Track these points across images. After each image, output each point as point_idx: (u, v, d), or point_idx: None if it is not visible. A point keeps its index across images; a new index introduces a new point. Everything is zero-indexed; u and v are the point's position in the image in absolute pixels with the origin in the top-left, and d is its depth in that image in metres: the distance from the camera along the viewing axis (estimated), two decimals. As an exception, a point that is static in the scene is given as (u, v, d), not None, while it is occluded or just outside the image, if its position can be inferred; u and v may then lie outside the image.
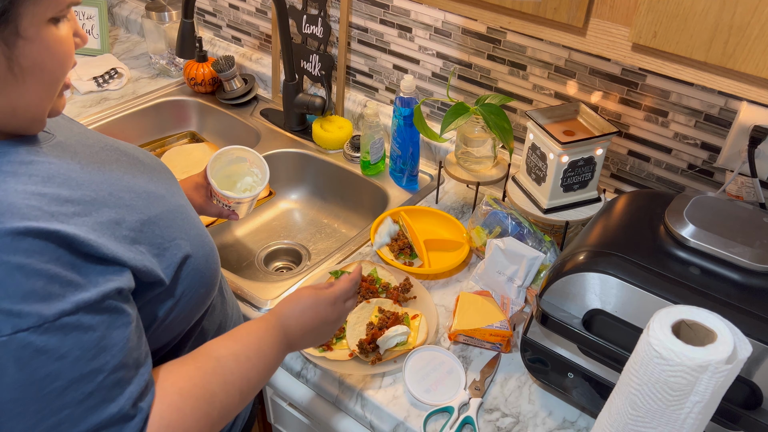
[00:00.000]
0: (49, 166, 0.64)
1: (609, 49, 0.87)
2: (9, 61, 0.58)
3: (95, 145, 0.76)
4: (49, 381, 0.56)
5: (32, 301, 0.55)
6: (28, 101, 0.62)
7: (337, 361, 1.04)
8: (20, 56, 0.58)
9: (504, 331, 1.04)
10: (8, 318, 0.54)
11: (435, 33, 1.42)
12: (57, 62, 0.62)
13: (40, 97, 0.63)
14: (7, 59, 0.58)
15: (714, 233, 0.87)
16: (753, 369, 0.78)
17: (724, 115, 1.13)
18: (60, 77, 0.63)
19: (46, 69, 0.61)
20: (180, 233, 0.74)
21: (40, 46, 0.59)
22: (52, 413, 0.57)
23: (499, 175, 1.33)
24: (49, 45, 0.60)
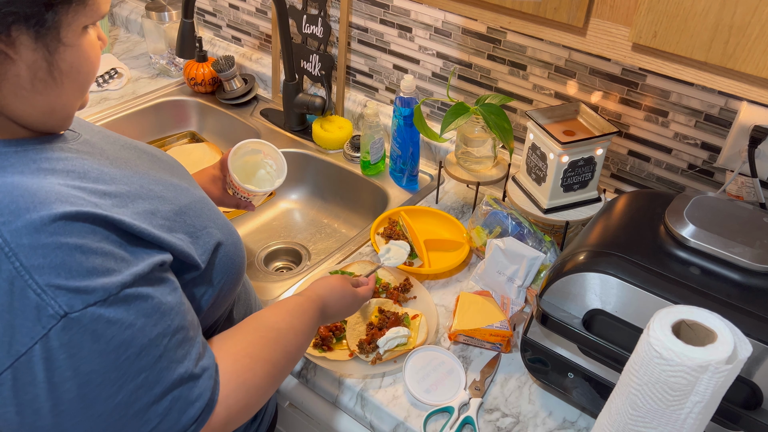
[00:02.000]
0: (83, 162, 0.68)
1: (609, 49, 0.87)
2: (50, 66, 0.62)
3: (116, 142, 0.80)
4: (123, 349, 0.60)
5: (95, 277, 0.58)
6: (64, 101, 0.66)
7: (337, 361, 1.04)
8: (60, 60, 0.62)
9: (504, 331, 1.04)
10: (77, 295, 0.57)
11: (435, 33, 1.42)
12: (90, 65, 0.66)
13: (75, 96, 0.67)
14: (48, 63, 0.62)
15: (714, 233, 0.87)
16: (753, 369, 0.78)
17: (725, 115, 1.13)
18: (92, 78, 0.68)
19: (81, 71, 0.65)
20: (210, 222, 0.78)
21: (78, 51, 0.64)
22: (130, 378, 0.61)
23: (499, 175, 1.33)
24: (84, 50, 0.65)
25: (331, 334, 1.06)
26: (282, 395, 1.12)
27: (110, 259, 0.60)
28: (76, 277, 0.57)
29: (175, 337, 0.65)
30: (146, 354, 0.62)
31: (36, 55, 0.60)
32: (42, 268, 0.56)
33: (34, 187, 0.59)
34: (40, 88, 0.63)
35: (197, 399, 0.66)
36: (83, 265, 0.58)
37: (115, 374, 0.60)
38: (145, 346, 0.61)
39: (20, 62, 0.60)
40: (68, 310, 0.56)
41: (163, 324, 0.64)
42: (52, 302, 0.56)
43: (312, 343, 1.05)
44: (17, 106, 0.63)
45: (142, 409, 0.61)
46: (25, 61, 0.60)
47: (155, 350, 0.62)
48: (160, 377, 0.63)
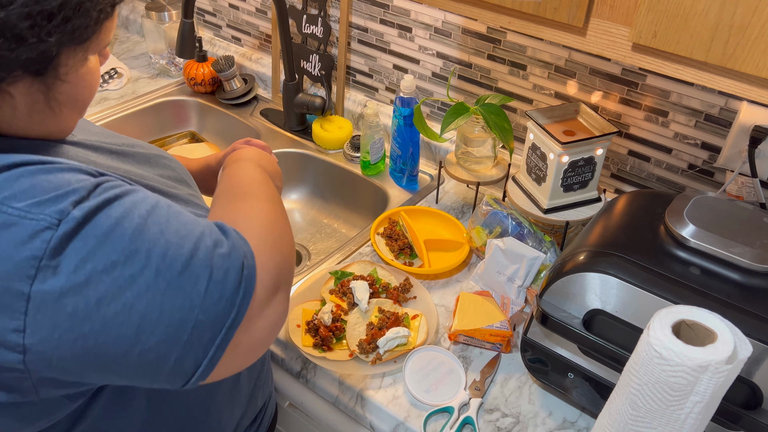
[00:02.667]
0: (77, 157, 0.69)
1: (609, 49, 0.87)
2: (47, 99, 0.63)
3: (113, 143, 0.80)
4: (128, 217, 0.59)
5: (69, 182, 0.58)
6: (63, 127, 0.68)
7: (337, 361, 1.04)
8: (57, 94, 0.63)
9: (504, 331, 1.04)
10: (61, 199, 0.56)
11: (435, 33, 1.42)
12: (89, 91, 0.67)
13: (73, 119, 0.69)
14: (46, 97, 0.62)
15: (714, 233, 0.87)
16: (753, 369, 0.78)
17: (725, 115, 1.13)
18: (90, 99, 0.69)
19: (80, 99, 0.67)
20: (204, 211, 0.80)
21: (76, 83, 0.64)
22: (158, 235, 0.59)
23: (499, 175, 1.33)
24: (84, 79, 0.65)
25: (331, 334, 1.06)
26: (282, 395, 1.11)
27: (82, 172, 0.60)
28: (52, 189, 0.56)
29: (164, 206, 0.63)
30: (154, 219, 0.60)
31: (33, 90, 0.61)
32: (15, 196, 0.55)
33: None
34: (37, 118, 0.64)
35: (228, 238, 0.63)
36: (52, 180, 0.57)
37: (133, 246, 0.57)
38: (146, 215, 0.60)
39: (18, 97, 0.60)
40: (60, 217, 0.55)
41: (150, 196, 0.63)
42: (41, 216, 0.55)
43: (312, 343, 1.05)
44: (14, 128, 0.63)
45: (183, 267, 0.59)
46: (22, 96, 0.60)
47: (158, 216, 0.61)
48: (182, 234, 0.60)
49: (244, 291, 0.61)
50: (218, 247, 0.61)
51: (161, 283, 0.58)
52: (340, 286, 1.15)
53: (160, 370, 0.59)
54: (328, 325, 1.07)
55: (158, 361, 0.59)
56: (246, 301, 0.61)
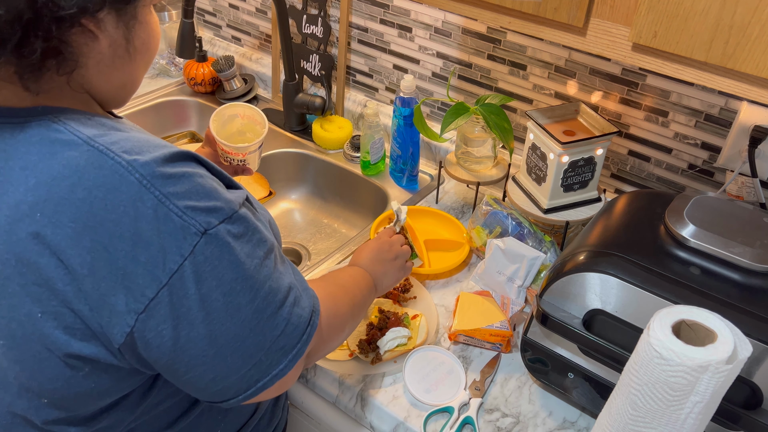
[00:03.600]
0: (140, 134, 0.72)
1: (609, 49, 0.87)
2: (127, 43, 0.67)
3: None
4: (251, 259, 0.67)
5: (220, 198, 0.65)
6: (135, 76, 0.72)
7: (337, 361, 1.04)
8: (135, 38, 0.67)
9: (504, 331, 1.03)
10: (211, 213, 0.63)
11: (435, 33, 1.42)
12: (156, 41, 0.72)
13: (143, 71, 0.73)
14: (126, 41, 0.66)
15: (714, 233, 0.87)
16: (753, 369, 0.77)
17: (725, 115, 1.13)
18: (155, 53, 0.73)
19: (150, 47, 0.71)
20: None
21: (148, 27, 0.69)
22: (260, 285, 0.67)
23: (499, 175, 1.33)
24: (152, 27, 0.70)
25: (331, 334, 1.06)
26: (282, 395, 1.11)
27: (220, 185, 0.67)
28: (206, 199, 0.63)
29: (274, 252, 0.71)
30: (267, 263, 0.68)
31: (117, 33, 0.65)
32: (177, 194, 0.62)
33: (141, 137, 0.66)
34: (118, 64, 0.67)
35: (307, 304, 0.73)
36: (207, 188, 0.64)
37: (250, 281, 0.66)
38: (263, 257, 0.68)
39: (104, 40, 0.64)
40: (207, 227, 0.62)
41: (268, 240, 0.70)
42: (193, 221, 0.62)
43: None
44: (98, 82, 0.67)
45: (272, 313, 0.68)
46: (108, 39, 0.64)
47: (270, 261, 0.69)
48: (279, 284, 0.69)
49: (298, 351, 0.71)
50: (297, 306, 0.71)
51: (255, 320, 0.67)
52: (340, 286, 1.15)
53: (208, 388, 0.68)
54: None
55: (214, 380, 0.67)
56: (296, 359, 0.71)
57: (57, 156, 0.61)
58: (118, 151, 0.62)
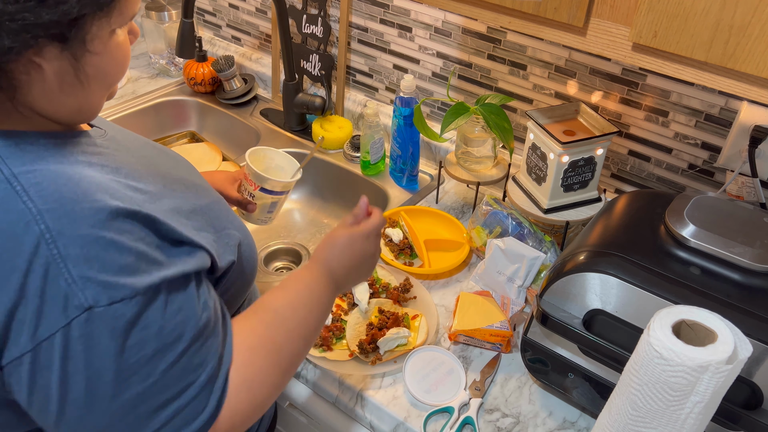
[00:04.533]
0: (114, 157, 0.69)
1: (609, 49, 0.87)
2: (76, 71, 0.62)
3: (137, 140, 0.81)
4: (137, 350, 0.60)
5: (125, 275, 0.59)
6: (91, 101, 0.67)
7: (337, 362, 1.04)
8: (86, 66, 0.63)
9: (504, 332, 1.03)
10: (105, 290, 0.58)
11: (435, 33, 1.42)
12: (118, 66, 0.67)
13: (102, 95, 0.68)
14: (75, 69, 0.62)
15: (714, 233, 0.87)
16: (753, 369, 0.77)
17: (725, 115, 1.13)
18: (121, 75, 0.68)
19: (109, 73, 0.66)
20: (228, 222, 0.79)
21: (104, 56, 0.64)
22: (139, 381, 0.61)
23: (500, 175, 1.33)
24: (111, 53, 0.64)
25: (331, 334, 1.06)
26: (282, 395, 1.11)
27: (142, 259, 0.61)
28: (107, 272, 0.58)
29: (192, 346, 0.64)
30: (160, 358, 0.61)
31: (62, 62, 0.61)
32: (77, 259, 0.57)
33: (76, 177, 0.61)
34: (68, 90, 0.63)
35: (203, 409, 0.65)
36: (116, 261, 0.59)
37: (125, 374, 0.60)
38: (159, 350, 0.61)
39: (48, 69, 0.60)
40: (93, 304, 0.57)
41: (182, 330, 0.63)
42: (80, 293, 0.57)
43: (312, 343, 1.05)
44: (46, 106, 0.63)
45: (146, 413, 0.61)
46: (52, 68, 0.60)
47: (170, 355, 0.62)
48: (169, 384, 0.62)
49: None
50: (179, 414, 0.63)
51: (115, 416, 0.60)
52: (340, 286, 1.15)
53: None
54: (328, 325, 1.07)
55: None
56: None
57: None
58: (35, 196, 0.58)
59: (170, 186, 0.73)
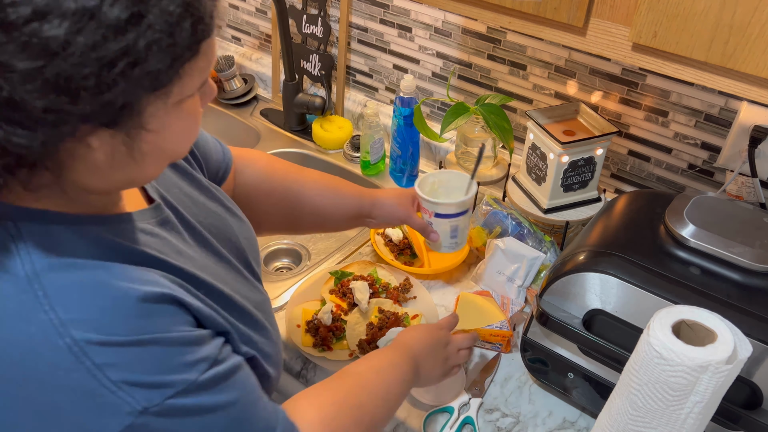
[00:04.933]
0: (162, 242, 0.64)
1: (609, 49, 0.87)
2: (129, 149, 0.55)
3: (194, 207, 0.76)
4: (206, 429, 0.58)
5: (173, 372, 0.56)
6: (146, 174, 0.60)
7: (337, 361, 1.04)
8: (141, 143, 0.55)
9: (504, 331, 1.03)
10: (155, 390, 0.54)
11: (435, 33, 1.42)
12: (180, 141, 0.59)
13: (158, 169, 0.60)
14: (128, 147, 0.55)
15: (714, 233, 0.87)
16: (753, 369, 0.77)
17: (725, 115, 1.13)
18: (184, 149, 0.61)
19: (168, 149, 0.58)
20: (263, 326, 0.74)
21: (163, 132, 0.56)
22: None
23: (499, 175, 1.33)
24: (171, 128, 0.56)
25: (331, 334, 1.06)
26: (282, 395, 1.11)
27: (186, 349, 0.57)
28: (153, 373, 0.54)
29: (246, 412, 0.62)
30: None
31: (114, 141, 0.53)
32: (115, 366, 0.52)
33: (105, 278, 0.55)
34: (119, 166, 0.56)
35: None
36: (161, 360, 0.55)
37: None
38: (224, 427, 0.60)
39: (98, 149, 0.53)
40: (147, 405, 0.53)
41: (237, 402, 0.61)
42: (129, 399, 0.53)
43: (312, 343, 1.05)
44: (93, 182, 0.56)
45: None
46: (102, 148, 0.53)
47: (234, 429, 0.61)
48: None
49: None
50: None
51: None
52: (340, 286, 1.15)
53: None
54: (328, 325, 1.07)
55: None
56: None
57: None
58: (57, 303, 0.52)
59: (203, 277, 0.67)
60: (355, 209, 0.99)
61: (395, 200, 1.00)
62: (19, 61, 0.45)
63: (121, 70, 0.47)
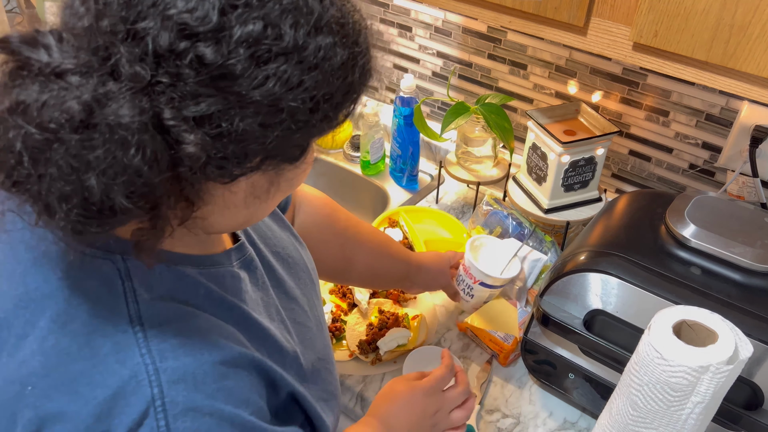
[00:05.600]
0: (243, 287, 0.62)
1: (610, 49, 0.87)
2: (270, 185, 0.54)
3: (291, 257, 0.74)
4: None
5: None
6: (267, 213, 0.58)
7: (337, 362, 1.03)
8: (282, 180, 0.54)
9: (503, 343, 1.02)
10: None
11: (435, 32, 1.42)
12: (306, 174, 0.57)
13: (274, 206, 0.58)
14: (270, 184, 0.53)
15: (715, 233, 0.87)
16: (754, 369, 0.77)
17: (726, 114, 1.12)
18: (299, 184, 0.59)
19: (293, 185, 0.57)
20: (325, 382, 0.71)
21: (305, 165, 0.55)
22: None
23: (500, 175, 1.33)
24: (308, 163, 0.55)
25: (331, 334, 1.06)
26: (282, 395, 1.11)
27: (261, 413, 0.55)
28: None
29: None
30: None
31: (263, 177, 0.52)
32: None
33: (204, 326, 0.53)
34: (251, 203, 0.54)
35: None
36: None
37: None
38: None
39: (244, 184, 0.51)
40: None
41: None
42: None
43: (312, 344, 1.05)
44: (221, 220, 0.55)
45: None
46: (248, 184, 0.51)
47: None
48: None
49: None
50: None
51: None
52: (340, 286, 1.15)
53: None
54: (328, 325, 1.07)
55: None
56: None
57: None
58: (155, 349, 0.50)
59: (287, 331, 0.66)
60: (402, 274, 1.02)
61: (437, 266, 1.04)
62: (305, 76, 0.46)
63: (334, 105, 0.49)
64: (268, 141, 0.46)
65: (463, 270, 1.03)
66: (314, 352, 0.70)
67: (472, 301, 1.05)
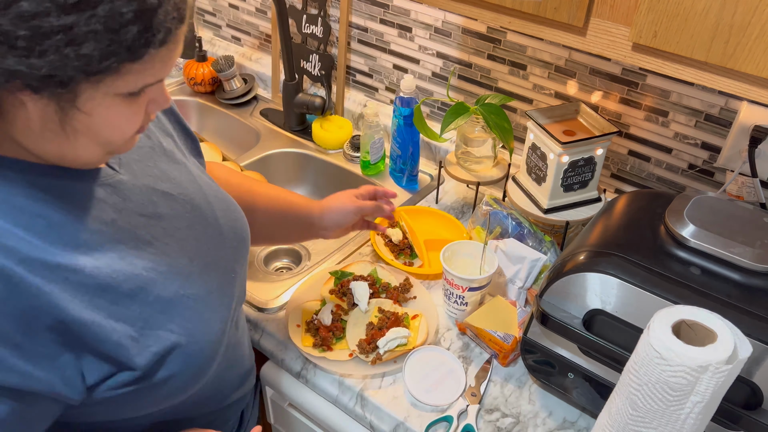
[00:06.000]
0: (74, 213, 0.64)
1: (609, 49, 0.87)
2: (62, 122, 0.57)
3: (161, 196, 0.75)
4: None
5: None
6: (80, 155, 0.62)
7: (337, 361, 1.04)
8: (73, 120, 0.58)
9: (503, 343, 1.03)
10: None
11: (435, 33, 1.42)
12: (115, 131, 0.61)
13: (91, 151, 0.62)
14: (60, 120, 0.57)
15: (714, 233, 0.87)
16: (753, 369, 0.77)
17: (725, 115, 1.13)
18: (115, 140, 0.62)
19: (101, 134, 0.60)
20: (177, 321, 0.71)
21: (96, 117, 0.58)
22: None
23: (499, 175, 1.33)
24: (105, 116, 0.59)
25: (331, 334, 1.06)
26: (282, 395, 1.11)
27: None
28: None
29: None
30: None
31: (46, 109, 0.56)
32: None
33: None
34: (49, 137, 0.59)
35: None
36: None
37: None
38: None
39: (31, 110, 0.56)
40: None
41: None
42: None
43: (312, 343, 1.05)
44: (26, 141, 0.60)
45: None
46: (35, 110, 0.56)
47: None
48: None
49: None
50: None
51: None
52: (340, 286, 1.15)
53: None
54: (328, 325, 1.07)
55: None
56: None
57: None
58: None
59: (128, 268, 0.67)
60: (306, 220, 1.05)
61: (339, 202, 1.06)
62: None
63: (54, 43, 0.51)
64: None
65: (449, 284, 1.08)
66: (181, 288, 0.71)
67: (468, 308, 1.10)
